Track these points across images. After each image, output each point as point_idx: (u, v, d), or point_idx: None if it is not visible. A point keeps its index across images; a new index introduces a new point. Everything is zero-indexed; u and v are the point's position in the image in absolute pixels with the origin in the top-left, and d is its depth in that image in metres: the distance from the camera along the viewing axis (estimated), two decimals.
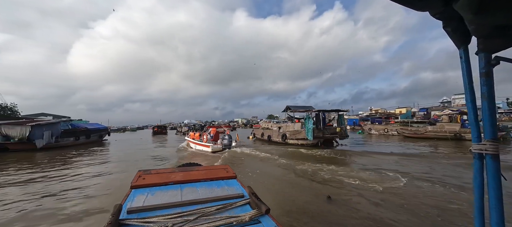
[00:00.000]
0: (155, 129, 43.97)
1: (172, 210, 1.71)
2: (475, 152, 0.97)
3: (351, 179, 7.05)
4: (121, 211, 1.61)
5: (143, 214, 1.65)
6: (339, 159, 11.16)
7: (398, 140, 20.36)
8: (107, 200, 5.61)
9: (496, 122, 0.94)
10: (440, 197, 5.45)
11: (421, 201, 5.24)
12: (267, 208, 1.64)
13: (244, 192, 2.07)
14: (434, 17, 0.94)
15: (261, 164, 10.12)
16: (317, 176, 7.64)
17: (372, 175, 7.46)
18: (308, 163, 9.73)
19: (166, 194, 2.03)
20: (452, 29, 0.96)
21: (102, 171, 9.48)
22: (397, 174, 7.47)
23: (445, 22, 0.96)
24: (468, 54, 0.98)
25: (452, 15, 0.88)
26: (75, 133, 22.51)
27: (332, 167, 8.80)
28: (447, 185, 6.27)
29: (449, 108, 29.46)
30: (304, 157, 12.05)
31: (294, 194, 5.94)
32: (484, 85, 0.90)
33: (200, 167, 3.21)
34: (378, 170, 8.14)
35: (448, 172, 7.87)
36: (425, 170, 8.25)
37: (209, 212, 1.64)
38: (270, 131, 20.11)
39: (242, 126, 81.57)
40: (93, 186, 7.24)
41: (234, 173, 2.61)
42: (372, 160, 10.69)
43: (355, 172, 8.01)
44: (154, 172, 2.70)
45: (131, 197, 1.98)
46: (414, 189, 6.10)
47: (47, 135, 18.73)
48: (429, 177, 7.17)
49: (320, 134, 14.50)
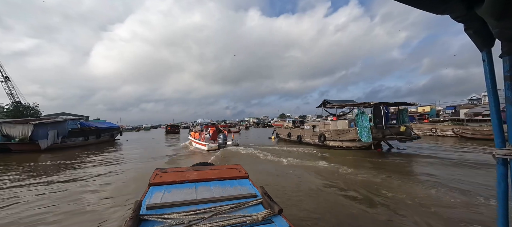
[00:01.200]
0: (168, 128, 44.06)
1: (187, 207, 1.76)
2: (498, 157, 0.93)
3: (419, 200, 4.94)
4: (141, 207, 1.66)
5: (161, 211, 1.70)
6: (401, 168, 8.36)
7: (456, 142, 16.83)
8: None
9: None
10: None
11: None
12: (280, 209, 1.63)
13: (257, 192, 2.08)
14: (456, 20, 0.91)
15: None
16: (373, 193, 5.49)
17: (457, 197, 5.08)
18: (354, 170, 7.57)
19: (181, 192, 2.08)
20: (474, 32, 0.92)
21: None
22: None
23: (467, 25, 0.92)
24: (492, 57, 0.94)
25: (474, 18, 0.84)
26: (84, 132, 20.74)
27: (394, 180, 6.52)
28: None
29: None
30: (349, 161, 9.29)
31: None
32: (509, 89, 0.87)
33: (213, 166, 3.25)
34: (466, 192, 5.42)
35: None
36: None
37: (223, 210, 1.66)
38: (300, 131, 17.20)
39: (254, 126, 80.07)
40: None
41: (246, 173, 2.65)
42: (448, 171, 7.74)
43: (430, 190, 5.64)
44: (170, 171, 2.79)
45: (149, 194, 2.04)
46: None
47: (52, 135, 16.93)
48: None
49: (380, 135, 11.41)
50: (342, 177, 7.03)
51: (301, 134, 16.70)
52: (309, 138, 15.53)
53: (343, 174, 7.42)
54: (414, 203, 4.78)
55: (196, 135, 16.31)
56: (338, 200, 5.18)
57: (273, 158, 10.65)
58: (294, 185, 6.27)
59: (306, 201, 5.03)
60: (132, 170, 9.17)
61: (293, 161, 9.77)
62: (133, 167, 9.87)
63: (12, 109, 34.17)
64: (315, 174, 7.54)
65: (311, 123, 16.19)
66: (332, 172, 7.71)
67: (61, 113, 64.77)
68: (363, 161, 9.76)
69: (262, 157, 11.08)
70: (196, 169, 2.90)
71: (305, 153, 12.45)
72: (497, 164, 0.95)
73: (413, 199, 5.01)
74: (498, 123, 0.95)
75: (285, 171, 8.13)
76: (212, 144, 14.13)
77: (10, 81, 34.66)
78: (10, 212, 4.81)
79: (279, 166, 9.13)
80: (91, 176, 8.12)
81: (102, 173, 8.68)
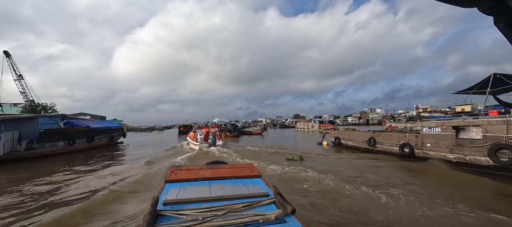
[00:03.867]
0: (181, 129, 42.59)
1: (202, 204, 1.79)
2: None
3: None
4: (158, 203, 1.73)
5: (176, 207, 1.75)
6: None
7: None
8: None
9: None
10: None
11: None
12: (292, 209, 1.62)
13: (269, 191, 2.07)
14: (484, 13, 0.81)
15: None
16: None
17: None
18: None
19: (196, 189, 2.12)
20: (506, 25, 0.83)
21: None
22: None
23: (497, 18, 0.82)
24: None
25: (505, 9, 0.76)
26: (67, 135, 14.68)
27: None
28: None
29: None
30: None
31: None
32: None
33: (226, 165, 3.35)
34: None
35: None
36: None
37: (236, 209, 1.68)
38: (414, 138, 9.82)
39: (270, 126, 70.97)
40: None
41: (259, 172, 2.67)
42: None
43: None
44: (184, 169, 2.83)
45: (165, 190, 2.10)
46: None
47: (7, 139, 10.88)
48: None
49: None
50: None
51: (417, 142, 9.32)
52: (445, 150, 8.19)
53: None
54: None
55: (191, 135, 16.93)
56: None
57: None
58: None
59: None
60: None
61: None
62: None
63: (29, 108, 32.40)
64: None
65: (447, 123, 8.44)
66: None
67: (80, 113, 62.50)
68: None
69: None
70: (210, 167, 2.95)
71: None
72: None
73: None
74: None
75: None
76: (202, 144, 14.78)
77: (23, 80, 33.18)
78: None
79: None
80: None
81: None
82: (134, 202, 5.15)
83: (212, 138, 15.19)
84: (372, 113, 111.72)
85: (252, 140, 24.57)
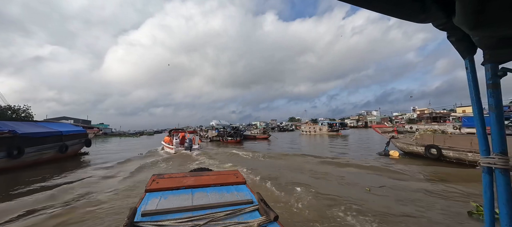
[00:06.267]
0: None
1: (183, 214, 1.71)
2: (484, 166, 0.91)
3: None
4: (135, 214, 1.63)
5: (156, 217, 1.65)
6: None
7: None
8: None
9: (505, 135, 0.86)
10: None
11: None
12: (275, 215, 1.59)
13: (253, 198, 2.02)
14: (438, 28, 0.88)
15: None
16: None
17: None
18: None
19: (178, 198, 2.02)
20: (456, 39, 0.90)
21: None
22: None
23: (449, 33, 0.90)
24: (474, 65, 0.93)
25: (455, 26, 0.80)
26: None
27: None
28: None
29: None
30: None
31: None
32: (491, 96, 0.86)
33: (210, 172, 3.20)
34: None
35: None
36: None
37: (218, 217, 1.63)
38: None
39: (268, 130, 64.16)
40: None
41: (244, 179, 2.57)
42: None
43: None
44: (167, 177, 2.69)
45: (145, 201, 1.99)
46: None
47: None
48: None
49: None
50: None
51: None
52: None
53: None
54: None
55: (167, 139, 17.13)
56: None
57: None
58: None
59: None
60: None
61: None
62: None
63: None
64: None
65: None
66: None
67: (62, 117, 56.45)
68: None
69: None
70: (194, 174, 2.84)
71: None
72: (482, 173, 0.92)
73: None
74: (482, 132, 0.93)
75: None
76: (179, 148, 14.76)
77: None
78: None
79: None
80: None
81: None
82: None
83: (188, 142, 15.18)
84: (369, 115, 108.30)
85: (261, 148, 18.50)
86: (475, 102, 0.93)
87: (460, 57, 0.96)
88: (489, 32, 0.73)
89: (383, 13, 0.77)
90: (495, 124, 0.86)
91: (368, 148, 15.56)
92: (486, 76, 0.86)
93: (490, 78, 0.85)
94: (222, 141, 26.43)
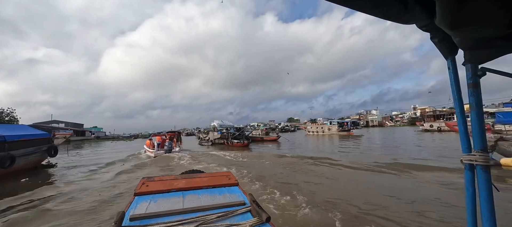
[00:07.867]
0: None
1: (174, 217, 1.67)
2: (465, 163, 0.94)
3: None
4: (123, 219, 1.58)
5: (145, 222, 1.61)
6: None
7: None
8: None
9: (485, 133, 0.89)
10: None
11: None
12: (267, 216, 1.58)
13: (246, 200, 2.00)
14: (421, 29, 0.90)
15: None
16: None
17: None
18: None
19: (168, 201, 1.98)
20: (439, 40, 0.92)
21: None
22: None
23: (432, 34, 0.92)
24: (456, 65, 0.96)
25: (438, 27, 0.81)
26: None
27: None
28: None
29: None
30: None
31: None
32: (472, 95, 0.88)
33: (202, 174, 3.14)
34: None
35: None
36: None
37: (210, 220, 1.60)
38: None
39: (272, 133, 60.36)
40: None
41: (236, 180, 2.53)
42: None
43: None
44: (157, 179, 2.64)
45: (134, 204, 1.93)
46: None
47: None
48: None
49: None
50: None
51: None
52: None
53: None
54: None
55: (147, 143, 17.25)
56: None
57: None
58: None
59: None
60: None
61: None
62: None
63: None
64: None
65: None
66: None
67: (52, 121, 52.81)
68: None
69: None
70: (185, 177, 2.80)
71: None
72: (464, 170, 0.95)
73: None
74: (464, 130, 0.96)
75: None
76: (158, 151, 15.10)
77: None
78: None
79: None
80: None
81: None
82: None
83: (168, 145, 15.59)
84: (369, 114, 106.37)
85: (274, 152, 15.86)
86: (457, 101, 0.98)
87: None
88: (468, 33, 0.74)
89: (366, 13, 0.78)
90: (475, 122, 0.88)
91: (428, 151, 12.64)
92: (466, 76, 0.89)
93: (471, 78, 0.88)
94: (226, 144, 23.31)
